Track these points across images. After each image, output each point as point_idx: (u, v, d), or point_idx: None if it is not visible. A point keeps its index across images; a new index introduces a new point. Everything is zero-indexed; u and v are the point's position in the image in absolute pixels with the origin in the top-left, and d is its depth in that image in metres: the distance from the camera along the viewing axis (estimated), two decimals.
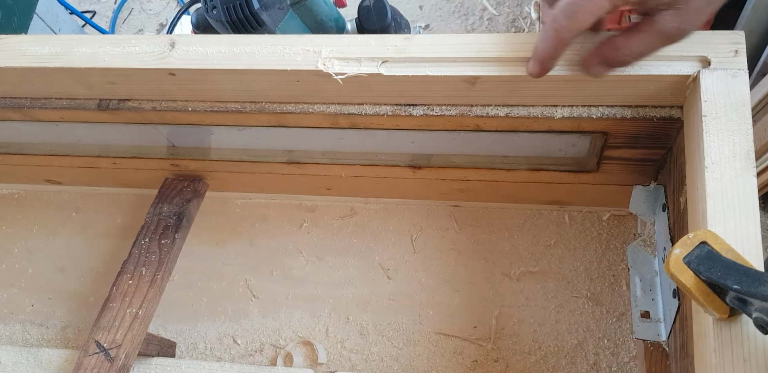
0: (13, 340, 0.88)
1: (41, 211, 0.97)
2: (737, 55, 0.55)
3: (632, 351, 0.77)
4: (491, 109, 0.63)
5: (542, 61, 0.54)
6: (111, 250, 0.92)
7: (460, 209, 0.88)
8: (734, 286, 0.40)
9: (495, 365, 0.78)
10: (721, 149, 0.51)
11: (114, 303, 0.74)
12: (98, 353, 0.70)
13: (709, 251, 0.44)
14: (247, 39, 0.63)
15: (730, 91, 0.54)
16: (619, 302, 0.79)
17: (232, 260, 0.90)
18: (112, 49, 0.65)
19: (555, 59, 0.54)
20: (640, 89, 0.58)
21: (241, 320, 0.85)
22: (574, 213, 0.86)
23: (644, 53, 0.52)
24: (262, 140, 0.77)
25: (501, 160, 0.75)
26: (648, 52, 0.52)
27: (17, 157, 0.87)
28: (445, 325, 0.81)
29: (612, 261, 0.82)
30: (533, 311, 0.80)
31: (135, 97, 0.70)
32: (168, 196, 0.84)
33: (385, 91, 0.63)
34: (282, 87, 0.65)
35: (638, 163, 0.71)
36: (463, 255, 0.85)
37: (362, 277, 0.86)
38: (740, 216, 0.49)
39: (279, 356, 0.82)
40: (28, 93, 0.72)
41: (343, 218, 0.90)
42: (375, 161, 0.78)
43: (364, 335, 0.82)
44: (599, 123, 0.63)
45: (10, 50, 0.67)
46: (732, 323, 0.45)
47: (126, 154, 0.83)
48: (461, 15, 1.94)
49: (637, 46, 0.52)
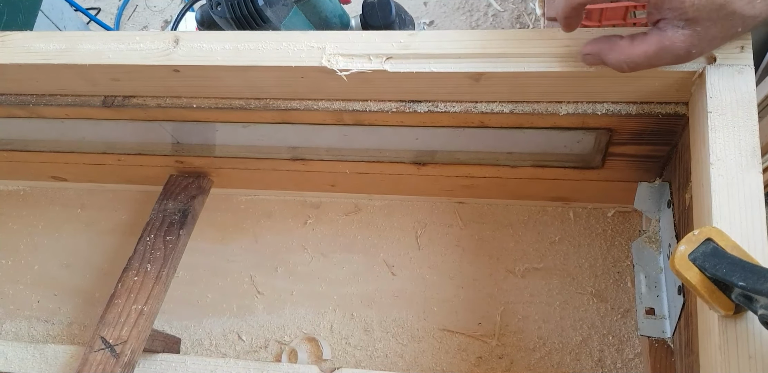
0: (19, 336, 0.89)
1: (47, 207, 0.98)
2: (743, 51, 0.55)
3: (637, 348, 0.76)
4: (496, 105, 0.63)
5: (567, 12, 0.52)
6: (116, 246, 0.93)
7: (465, 206, 0.88)
8: (740, 283, 0.40)
9: (499, 362, 0.78)
10: (727, 146, 0.51)
11: (119, 299, 0.74)
12: (104, 349, 0.70)
13: (714, 247, 0.43)
14: (251, 35, 0.63)
15: (735, 87, 0.53)
16: (624, 298, 0.79)
17: (237, 256, 0.90)
18: (117, 46, 0.65)
19: (577, 10, 0.51)
20: (645, 85, 0.58)
21: (245, 317, 0.86)
22: (579, 210, 0.85)
23: (642, 65, 0.51)
24: (266, 137, 0.77)
25: (505, 157, 0.75)
26: (646, 65, 0.51)
27: (23, 154, 0.87)
28: (449, 321, 0.81)
29: (617, 258, 0.82)
30: (538, 307, 0.80)
31: (140, 94, 0.70)
32: (173, 192, 0.84)
33: (389, 88, 0.63)
34: (286, 83, 0.65)
35: (643, 160, 0.71)
36: (468, 252, 0.85)
37: (367, 273, 0.86)
38: (746, 213, 0.49)
39: (284, 353, 0.82)
40: (33, 90, 0.72)
41: (348, 214, 0.90)
42: (379, 158, 0.78)
43: (368, 332, 0.82)
44: (604, 119, 0.63)
45: (15, 47, 0.67)
46: (737, 320, 0.45)
47: (131, 151, 0.83)
48: (466, 11, 1.93)
49: (638, 56, 0.50)
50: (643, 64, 0.51)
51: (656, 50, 0.49)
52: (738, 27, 0.48)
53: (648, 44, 0.49)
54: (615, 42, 0.52)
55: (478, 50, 0.58)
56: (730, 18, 0.47)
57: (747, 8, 0.47)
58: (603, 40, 0.53)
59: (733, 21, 0.47)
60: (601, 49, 0.52)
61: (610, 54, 0.52)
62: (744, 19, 0.47)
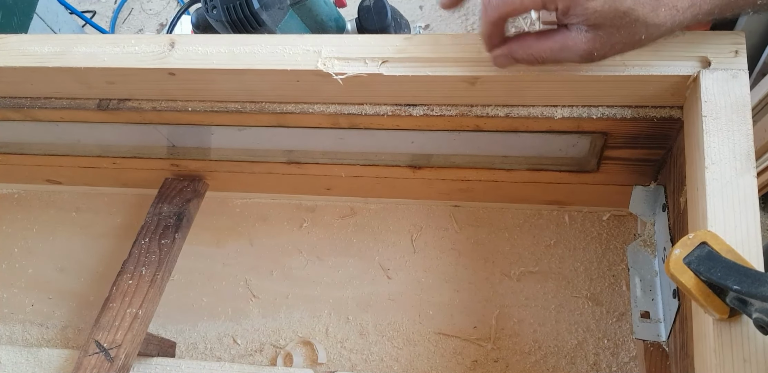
0: (13, 340, 0.88)
1: (41, 211, 0.97)
2: (737, 55, 0.55)
3: (632, 351, 0.76)
4: (491, 109, 0.63)
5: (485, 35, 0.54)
6: (111, 250, 0.92)
7: (460, 209, 0.88)
8: (734, 286, 0.40)
9: (495, 365, 0.78)
10: (722, 149, 0.51)
11: (114, 303, 0.74)
12: (98, 353, 0.70)
13: (709, 251, 0.44)
14: (247, 39, 0.63)
15: (730, 91, 0.54)
16: (619, 302, 0.79)
17: (232, 260, 0.90)
18: (112, 49, 0.65)
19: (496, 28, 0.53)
20: (640, 89, 0.58)
21: (241, 320, 0.85)
22: (574, 213, 0.85)
23: (547, 60, 0.53)
24: (262, 140, 0.77)
25: (501, 161, 0.75)
26: (551, 60, 0.52)
27: (17, 157, 0.87)
28: (445, 325, 0.81)
29: (612, 261, 0.82)
30: (533, 311, 0.80)
31: (135, 97, 0.70)
32: (168, 196, 0.84)
33: (385, 91, 0.63)
34: (282, 87, 0.65)
35: (638, 164, 0.71)
36: (463, 255, 0.85)
37: (362, 277, 0.86)
38: (740, 216, 0.49)
39: (279, 356, 0.82)
40: (28, 93, 0.72)
41: (343, 217, 0.90)
42: (375, 161, 0.78)
43: (364, 335, 0.82)
44: (599, 123, 0.63)
45: (10, 50, 0.67)
46: (732, 323, 0.45)
47: (126, 154, 0.83)
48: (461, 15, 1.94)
49: (542, 51, 0.52)
50: (549, 59, 0.52)
51: (560, 47, 0.51)
52: (641, 34, 0.50)
53: (553, 41, 0.51)
54: (523, 39, 0.53)
55: (473, 54, 0.59)
56: (633, 25, 0.49)
57: (651, 16, 0.49)
58: (513, 40, 0.54)
59: (637, 28, 0.49)
60: (510, 47, 0.54)
61: (519, 50, 0.53)
62: (647, 27, 0.49)
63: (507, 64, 0.55)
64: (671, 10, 0.49)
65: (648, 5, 0.48)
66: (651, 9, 0.48)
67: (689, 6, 0.49)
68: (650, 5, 0.48)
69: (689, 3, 0.49)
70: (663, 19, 0.49)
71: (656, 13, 0.48)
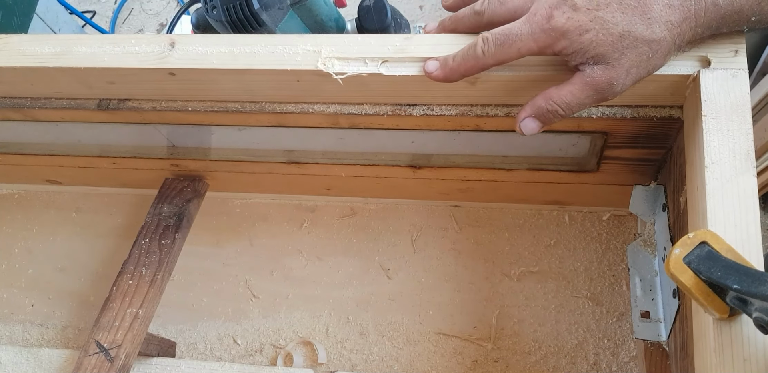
0: (13, 340, 0.88)
1: (41, 211, 0.97)
2: (737, 54, 0.55)
3: (632, 351, 0.77)
4: (491, 108, 0.63)
5: (452, 72, 0.56)
6: (111, 250, 0.92)
7: (460, 209, 0.88)
8: (734, 286, 0.40)
9: (495, 365, 0.78)
10: (721, 149, 0.51)
11: (114, 303, 0.74)
12: (98, 353, 0.70)
13: (709, 250, 0.44)
14: (247, 39, 0.63)
15: (730, 90, 0.54)
16: (619, 302, 0.79)
17: (233, 260, 0.90)
18: (112, 49, 0.65)
19: (463, 76, 0.56)
20: (639, 89, 0.58)
21: (241, 320, 0.85)
22: (574, 213, 0.86)
23: (573, 105, 0.53)
24: (262, 140, 0.77)
25: (501, 160, 0.75)
26: (577, 104, 0.53)
27: (17, 157, 0.87)
28: (445, 325, 0.81)
29: (612, 261, 0.82)
30: (533, 311, 0.80)
31: (135, 97, 0.70)
32: (168, 196, 0.84)
33: (385, 91, 0.63)
34: (282, 87, 0.65)
35: (638, 163, 0.71)
36: (463, 255, 0.85)
37: (362, 277, 0.86)
38: (740, 216, 0.49)
39: (279, 356, 0.82)
40: (28, 93, 0.72)
41: (343, 218, 0.90)
42: (375, 161, 0.78)
43: (364, 335, 0.82)
44: (599, 123, 0.63)
45: (9, 50, 0.66)
46: (732, 322, 0.45)
47: (126, 154, 0.83)
48: None
49: (567, 96, 0.52)
50: (573, 104, 0.53)
51: (581, 88, 0.52)
52: (648, 53, 0.50)
53: (572, 84, 0.52)
54: (547, 92, 0.54)
55: None
56: (635, 45, 0.50)
57: (648, 33, 0.49)
58: (536, 97, 0.54)
59: (640, 48, 0.50)
60: (533, 105, 0.54)
61: (543, 104, 0.54)
62: (649, 44, 0.50)
63: (537, 129, 0.56)
64: (666, 25, 0.49)
65: (641, 24, 0.49)
66: (645, 27, 0.49)
67: (683, 20, 0.50)
68: (643, 24, 0.49)
69: (682, 17, 0.50)
70: (661, 34, 0.50)
71: (652, 29, 0.49)
